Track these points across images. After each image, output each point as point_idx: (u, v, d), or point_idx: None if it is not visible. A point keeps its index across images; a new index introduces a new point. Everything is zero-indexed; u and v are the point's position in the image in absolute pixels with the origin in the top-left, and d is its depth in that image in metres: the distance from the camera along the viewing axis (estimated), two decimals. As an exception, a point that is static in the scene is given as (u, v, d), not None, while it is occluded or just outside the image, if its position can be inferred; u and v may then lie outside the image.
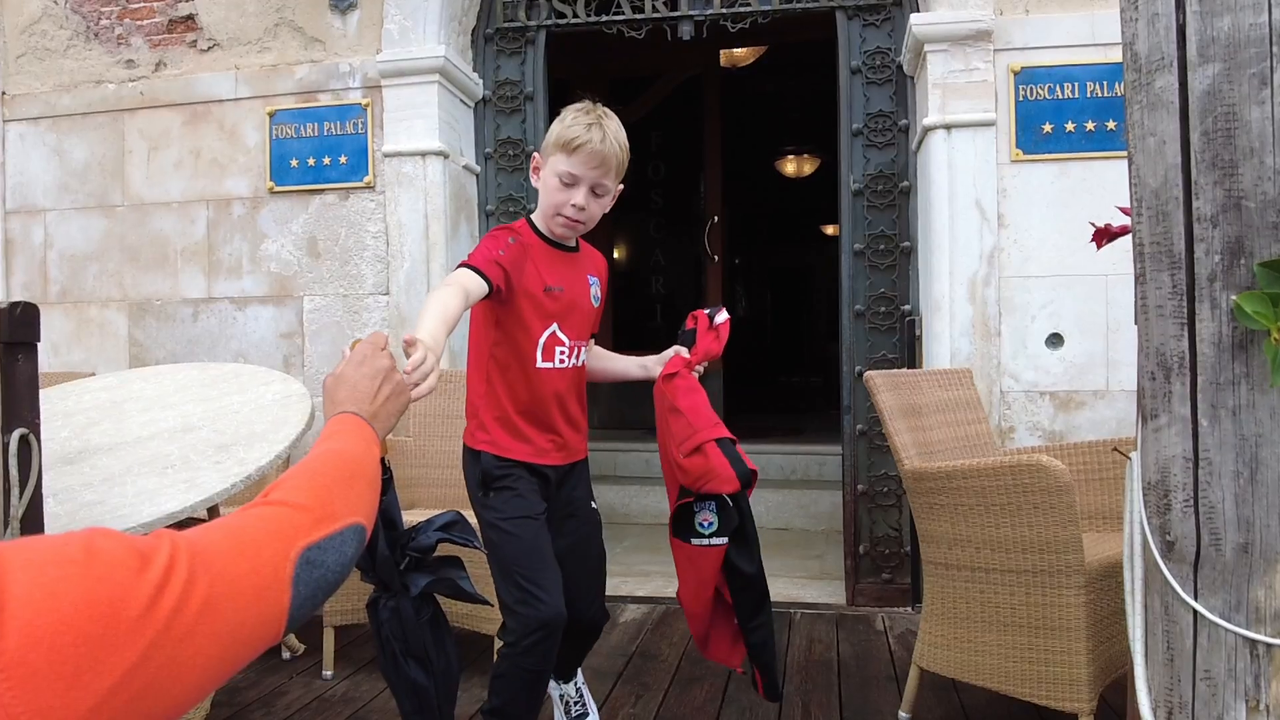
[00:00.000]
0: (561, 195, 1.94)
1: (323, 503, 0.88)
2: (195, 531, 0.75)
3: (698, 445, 1.90)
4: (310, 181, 3.73)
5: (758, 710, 2.63)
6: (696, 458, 1.89)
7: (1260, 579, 1.02)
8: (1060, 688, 2.20)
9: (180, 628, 0.65)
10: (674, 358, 2.05)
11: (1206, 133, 1.04)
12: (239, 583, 0.74)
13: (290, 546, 0.81)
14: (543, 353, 1.98)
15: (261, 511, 0.85)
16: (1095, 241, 1.34)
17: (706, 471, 1.88)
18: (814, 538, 4.91)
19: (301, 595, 0.80)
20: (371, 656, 3.17)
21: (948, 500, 2.40)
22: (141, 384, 2.65)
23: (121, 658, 0.60)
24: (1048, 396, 3.23)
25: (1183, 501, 1.05)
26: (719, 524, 1.90)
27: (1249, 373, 1.01)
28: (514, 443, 2.01)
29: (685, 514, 1.96)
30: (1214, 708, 1.03)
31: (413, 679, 1.68)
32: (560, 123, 1.96)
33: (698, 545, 1.93)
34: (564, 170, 1.92)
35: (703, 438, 1.90)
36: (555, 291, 1.98)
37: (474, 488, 2.04)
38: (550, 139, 1.97)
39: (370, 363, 1.24)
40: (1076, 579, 2.17)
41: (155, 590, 0.64)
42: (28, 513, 1.64)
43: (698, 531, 1.93)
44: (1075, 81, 3.20)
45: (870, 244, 3.59)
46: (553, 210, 1.97)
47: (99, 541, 0.64)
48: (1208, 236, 1.03)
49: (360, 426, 1.12)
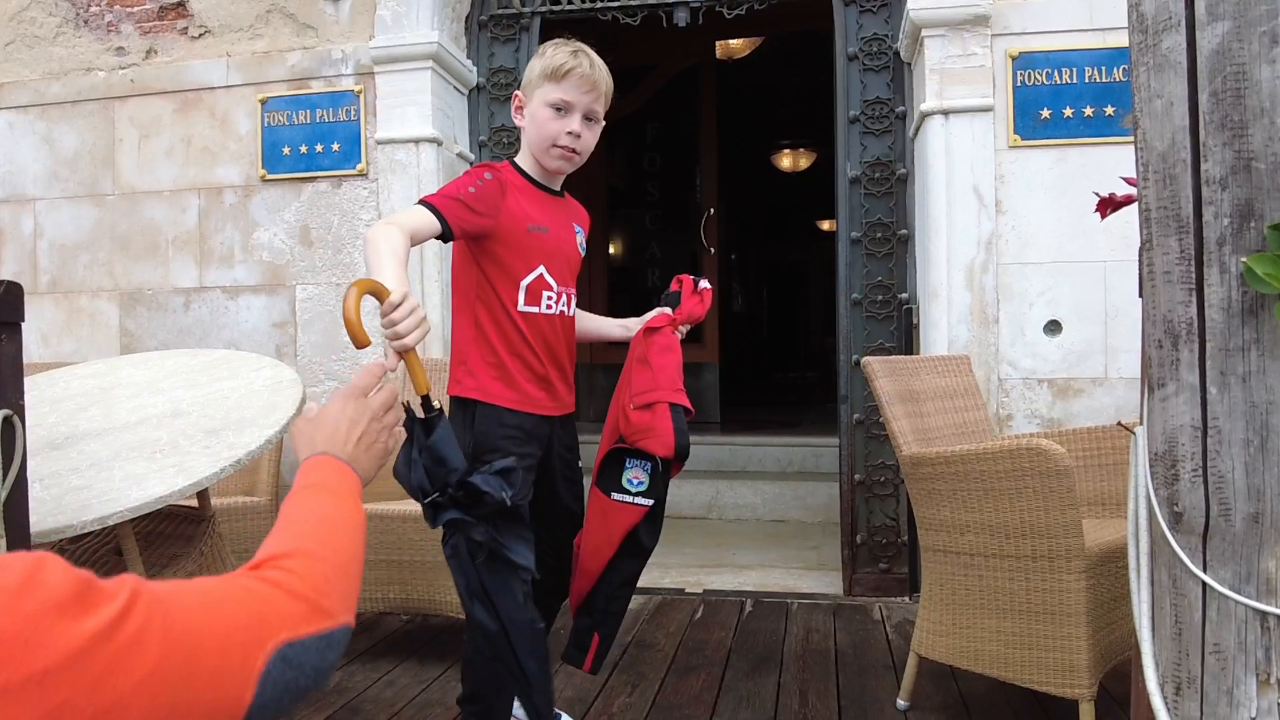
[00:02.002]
0: (556, 124, 1.89)
1: (320, 594, 0.77)
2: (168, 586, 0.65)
3: (652, 402, 1.89)
4: (302, 169, 3.69)
5: (755, 699, 2.61)
6: (645, 413, 1.88)
7: (1271, 550, 0.99)
8: (1060, 674, 2.18)
9: (110, 693, 0.55)
10: (660, 314, 2.02)
11: (1215, 93, 1.01)
12: (198, 660, 0.63)
13: (271, 636, 0.70)
14: (527, 295, 1.91)
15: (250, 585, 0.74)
16: (1099, 211, 1.31)
17: (649, 428, 1.87)
18: (811, 529, 4.88)
19: (266, 695, 0.68)
20: (365, 648, 3.14)
21: (946, 486, 2.37)
22: (130, 370, 2.61)
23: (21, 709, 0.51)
24: (1046, 384, 3.20)
25: (1191, 471, 1.03)
26: (648, 486, 1.90)
27: (1259, 338, 0.99)
28: (505, 389, 1.90)
29: (615, 467, 1.94)
30: (1223, 681, 1.01)
31: (478, 619, 1.72)
32: (541, 57, 1.92)
33: (618, 500, 1.92)
34: (556, 98, 1.88)
35: (659, 396, 1.89)
36: (539, 231, 1.91)
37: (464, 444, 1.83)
38: (534, 73, 1.92)
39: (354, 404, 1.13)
40: (1076, 563, 2.15)
41: (89, 642, 0.55)
42: (12, 496, 1.61)
43: (623, 487, 1.92)
44: (1073, 67, 3.17)
45: (868, 232, 3.56)
46: (547, 142, 1.90)
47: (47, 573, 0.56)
48: (1217, 199, 1.01)
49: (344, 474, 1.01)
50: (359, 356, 3.65)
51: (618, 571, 1.96)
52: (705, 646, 3.06)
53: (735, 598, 3.64)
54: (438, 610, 2.94)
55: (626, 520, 1.91)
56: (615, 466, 1.94)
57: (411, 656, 3.05)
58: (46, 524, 1.83)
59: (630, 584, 1.99)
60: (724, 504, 5.26)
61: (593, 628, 2.00)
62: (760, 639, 3.13)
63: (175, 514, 2.51)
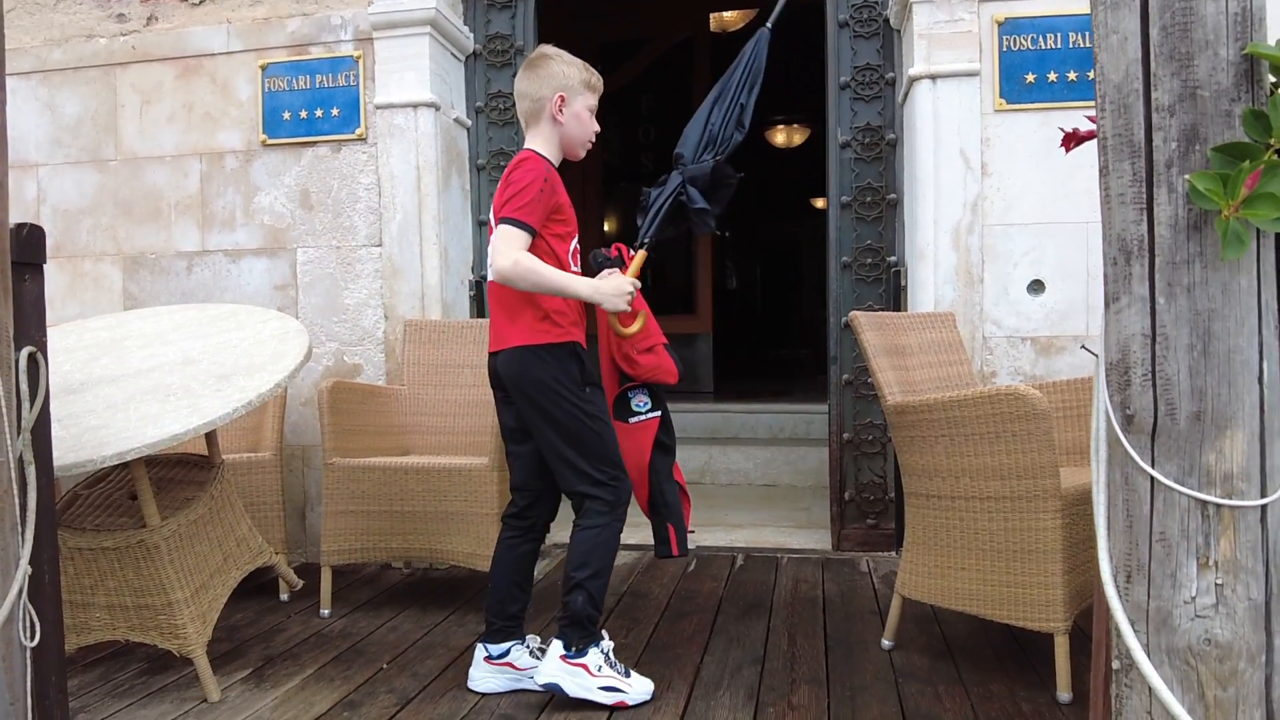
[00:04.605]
0: (593, 125, 2.38)
1: None
2: None
3: (652, 345, 2.42)
4: (302, 134, 3.76)
5: (744, 640, 2.71)
6: (650, 355, 2.41)
7: (1212, 444, 1.09)
8: (1037, 609, 2.28)
9: None
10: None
11: (1165, 27, 1.09)
12: None
13: None
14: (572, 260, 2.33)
15: None
16: (1064, 145, 1.40)
17: (658, 366, 2.42)
18: (801, 493, 4.99)
19: None
20: (368, 599, 3.24)
21: (929, 433, 2.47)
22: (140, 323, 2.70)
23: None
24: (1029, 341, 3.30)
25: (1141, 376, 1.12)
26: (651, 404, 2.46)
27: (1202, 251, 1.08)
28: (572, 329, 2.29)
29: (623, 401, 2.46)
30: (1168, 566, 1.11)
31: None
32: (572, 64, 2.33)
33: (636, 422, 2.45)
34: (592, 104, 2.36)
35: (655, 340, 2.43)
36: (568, 211, 2.32)
37: (567, 381, 2.24)
38: (574, 80, 2.32)
39: None
40: (1053, 503, 2.25)
41: None
42: (37, 429, 1.69)
43: (635, 412, 2.45)
44: (1057, 32, 3.25)
45: (857, 196, 3.65)
46: (586, 137, 2.37)
47: None
48: (1165, 125, 1.10)
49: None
50: (359, 319, 3.73)
51: (657, 471, 2.44)
52: (697, 595, 3.16)
53: (727, 553, 3.75)
54: (439, 559, 3.03)
55: (648, 432, 2.43)
56: (622, 401, 2.46)
57: (414, 605, 3.15)
58: (68, 459, 1.92)
59: (670, 478, 2.47)
60: (716, 469, 5.36)
61: (665, 520, 2.47)
62: (750, 589, 3.24)
63: (187, 461, 2.59)
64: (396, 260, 3.67)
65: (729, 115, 2.42)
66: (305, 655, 2.66)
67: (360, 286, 3.74)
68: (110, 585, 2.32)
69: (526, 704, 2.27)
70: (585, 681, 2.21)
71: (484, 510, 2.91)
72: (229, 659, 2.64)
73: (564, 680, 2.21)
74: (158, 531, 2.26)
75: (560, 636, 2.24)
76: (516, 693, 2.33)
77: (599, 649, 2.26)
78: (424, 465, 2.97)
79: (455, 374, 3.47)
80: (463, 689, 2.37)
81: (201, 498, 2.45)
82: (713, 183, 2.38)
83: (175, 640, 2.32)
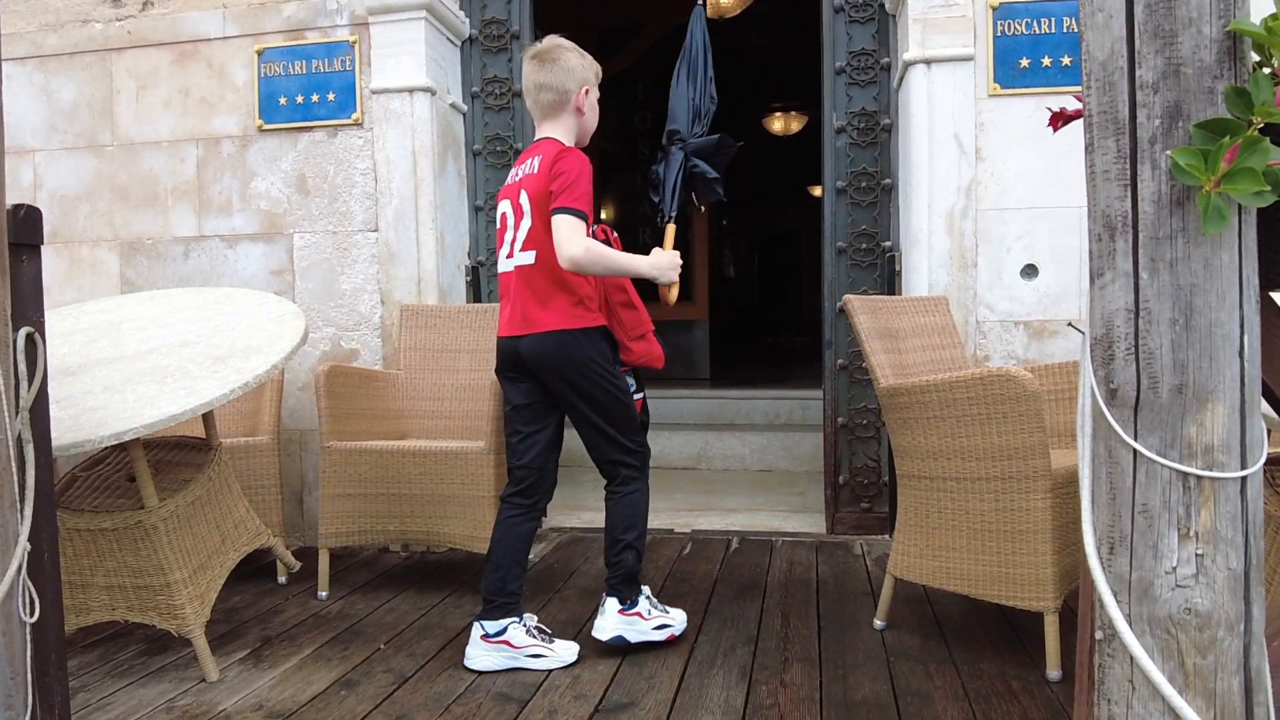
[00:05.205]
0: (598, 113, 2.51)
1: None
2: None
3: (644, 333, 2.63)
4: (299, 119, 3.76)
5: (739, 620, 2.73)
6: (643, 342, 2.62)
7: (1193, 417, 1.11)
8: (1027, 588, 2.30)
9: None
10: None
11: (1149, 5, 1.11)
12: None
13: None
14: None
15: None
16: (1052, 125, 1.41)
17: (648, 352, 2.64)
18: (797, 477, 5.02)
19: None
20: (365, 581, 3.26)
21: (921, 414, 2.49)
22: (137, 307, 2.71)
23: None
24: (1022, 326, 3.32)
25: (1125, 350, 1.14)
26: (636, 385, 2.66)
27: (1185, 227, 1.09)
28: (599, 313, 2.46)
29: None
30: (1150, 537, 1.12)
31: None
32: (585, 56, 2.45)
33: None
34: (597, 95, 2.50)
35: (647, 329, 2.64)
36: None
37: (603, 361, 2.41)
38: (589, 73, 2.44)
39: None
40: (1043, 483, 2.27)
41: None
42: (35, 409, 1.71)
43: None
44: (1051, 17, 3.25)
45: (852, 182, 3.66)
46: (595, 127, 2.52)
47: None
48: (1149, 102, 1.11)
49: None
50: (355, 304, 3.74)
51: None
52: (692, 577, 3.19)
53: (722, 536, 3.77)
54: (436, 542, 3.05)
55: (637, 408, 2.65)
56: None
57: (411, 587, 3.17)
58: (66, 439, 1.93)
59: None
60: (712, 454, 5.39)
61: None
62: (745, 571, 3.26)
63: (184, 443, 2.61)
64: (393, 245, 3.68)
65: (703, 89, 2.60)
66: (303, 636, 2.69)
67: (357, 271, 3.75)
68: (109, 566, 2.34)
69: (522, 682, 2.30)
70: (641, 626, 2.47)
71: (480, 493, 2.93)
72: (227, 640, 2.66)
73: (626, 630, 2.45)
74: (155, 513, 2.28)
75: (613, 594, 2.46)
76: (513, 671, 2.36)
77: (645, 596, 2.52)
78: (421, 449, 2.99)
79: (452, 358, 3.48)
80: (459, 668, 2.39)
81: (199, 479, 2.46)
82: (716, 151, 2.58)
83: (173, 620, 2.34)
